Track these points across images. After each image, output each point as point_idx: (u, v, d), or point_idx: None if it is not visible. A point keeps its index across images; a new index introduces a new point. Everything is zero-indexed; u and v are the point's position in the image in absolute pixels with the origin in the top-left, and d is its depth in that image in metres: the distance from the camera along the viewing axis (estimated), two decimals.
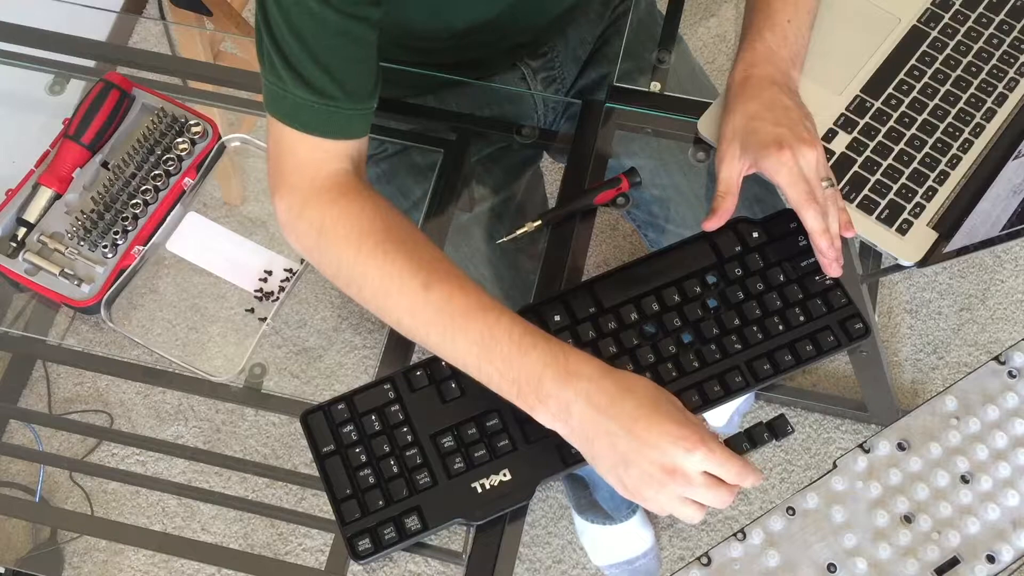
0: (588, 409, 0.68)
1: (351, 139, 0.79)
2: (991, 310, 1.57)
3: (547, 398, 0.69)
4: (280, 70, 0.74)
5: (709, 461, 0.67)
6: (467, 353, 0.72)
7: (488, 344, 0.71)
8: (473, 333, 0.71)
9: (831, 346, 0.79)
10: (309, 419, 0.79)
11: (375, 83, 0.79)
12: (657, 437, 0.67)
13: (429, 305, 0.73)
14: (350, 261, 0.76)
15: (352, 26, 0.74)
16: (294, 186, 0.78)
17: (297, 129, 0.76)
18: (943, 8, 0.95)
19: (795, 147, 0.78)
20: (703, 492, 0.68)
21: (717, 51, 1.80)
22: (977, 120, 0.90)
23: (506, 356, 0.70)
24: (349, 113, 0.77)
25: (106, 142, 0.95)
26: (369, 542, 0.74)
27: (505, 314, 0.72)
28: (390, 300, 0.75)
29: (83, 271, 0.91)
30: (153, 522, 1.50)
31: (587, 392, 0.68)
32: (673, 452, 0.66)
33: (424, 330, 0.74)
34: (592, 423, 0.68)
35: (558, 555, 1.48)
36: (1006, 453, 0.77)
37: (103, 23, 1.69)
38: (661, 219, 1.00)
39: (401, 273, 0.74)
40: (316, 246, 0.78)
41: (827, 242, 0.78)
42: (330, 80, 0.75)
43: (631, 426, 0.67)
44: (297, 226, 0.79)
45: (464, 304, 0.72)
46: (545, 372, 0.69)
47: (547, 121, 1.11)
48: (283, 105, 0.76)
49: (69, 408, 1.53)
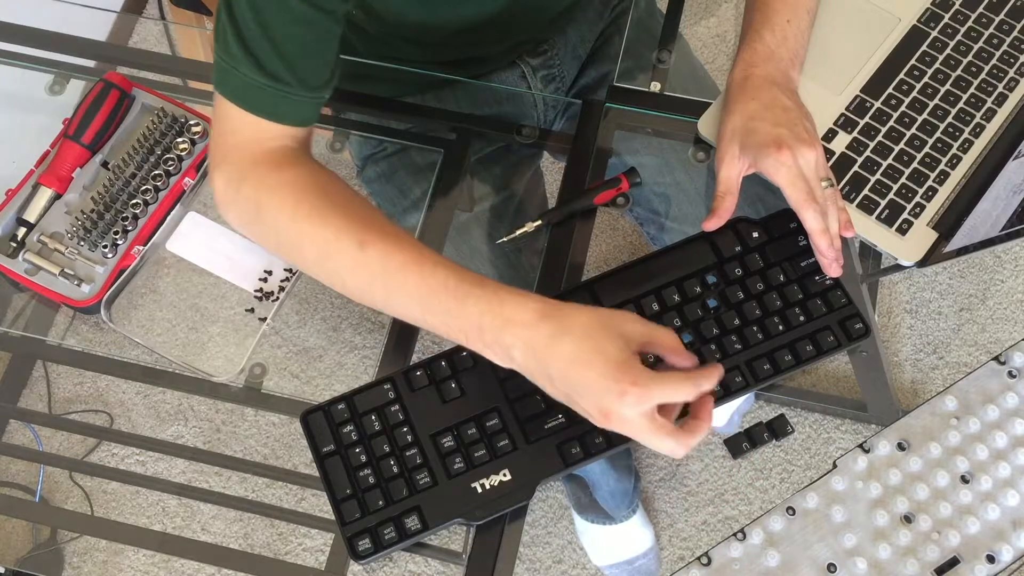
0: (527, 353, 0.68)
1: (298, 126, 0.79)
2: (991, 310, 1.57)
3: (491, 344, 0.70)
4: (233, 48, 0.74)
5: (645, 402, 0.66)
6: (409, 307, 0.73)
7: (427, 298, 0.71)
8: (411, 287, 0.72)
9: (831, 346, 0.79)
10: (309, 419, 0.79)
11: (331, 75, 0.79)
12: (589, 383, 0.66)
13: (367, 263, 0.73)
14: (288, 228, 0.76)
15: (315, 16, 0.74)
16: (233, 163, 0.78)
17: (244, 108, 0.76)
18: (943, 8, 0.95)
19: (794, 147, 0.78)
20: (648, 437, 0.67)
21: (717, 51, 1.80)
22: (977, 120, 0.90)
23: (446, 308, 0.71)
24: (299, 99, 0.77)
25: (106, 142, 0.95)
26: (369, 542, 0.74)
27: (440, 265, 0.72)
28: (330, 262, 0.75)
29: (83, 271, 0.91)
30: (153, 522, 1.51)
31: (524, 338, 0.68)
32: (606, 398, 0.66)
33: (367, 288, 0.74)
34: (534, 365, 0.69)
35: (558, 555, 1.48)
36: (1006, 453, 0.77)
37: (103, 23, 1.69)
38: (664, 216, 1.00)
39: (337, 234, 0.74)
40: (255, 219, 0.78)
41: (827, 242, 0.78)
42: (284, 66, 0.75)
43: (567, 369, 0.67)
44: (236, 201, 0.78)
45: (401, 259, 0.72)
46: (483, 320, 0.69)
47: (547, 120, 1.11)
48: (232, 84, 0.76)
49: (69, 408, 1.54)
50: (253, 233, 0.81)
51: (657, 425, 0.67)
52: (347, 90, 1.05)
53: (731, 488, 1.48)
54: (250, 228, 0.80)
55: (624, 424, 0.67)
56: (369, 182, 1.08)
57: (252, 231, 0.81)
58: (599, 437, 0.76)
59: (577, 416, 0.76)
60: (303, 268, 0.79)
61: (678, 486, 1.48)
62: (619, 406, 0.66)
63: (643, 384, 0.65)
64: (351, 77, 1.06)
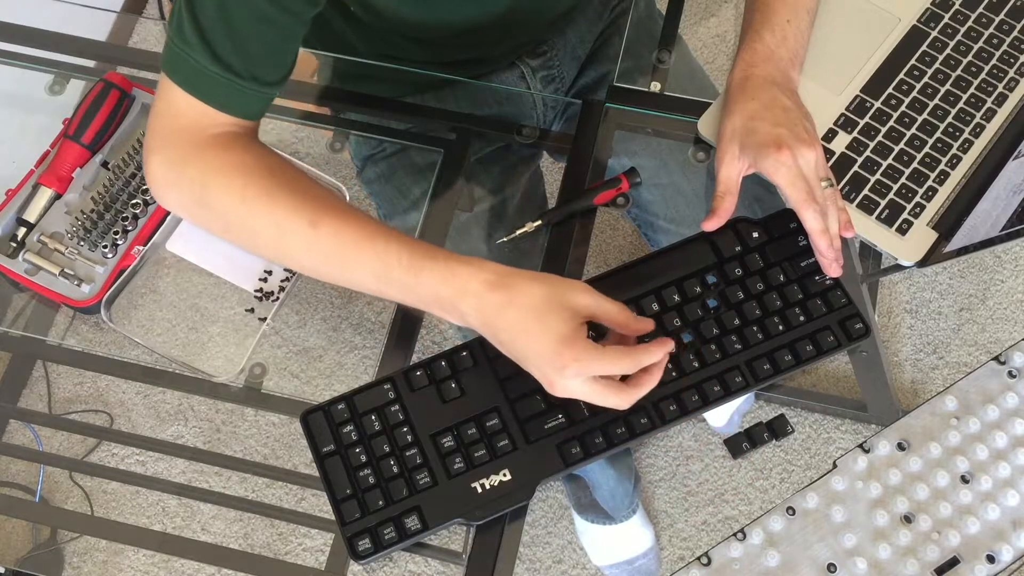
0: (480, 319, 0.72)
1: (247, 119, 0.79)
2: (991, 310, 1.57)
3: (448, 311, 0.73)
4: (188, 35, 0.73)
5: (583, 374, 0.69)
6: (366, 282, 0.74)
7: (382, 273, 0.73)
8: (366, 263, 0.73)
9: (831, 346, 0.79)
10: (309, 419, 0.79)
11: (285, 74, 0.79)
12: (534, 354, 0.70)
13: (321, 242, 0.74)
14: (237, 212, 0.76)
15: (280, 17, 0.74)
16: (175, 145, 0.77)
17: (194, 96, 0.75)
18: (943, 8, 0.95)
19: (794, 147, 0.78)
20: (592, 398, 0.71)
21: (717, 51, 1.80)
22: (977, 120, 0.90)
23: (401, 283, 0.73)
24: (250, 93, 0.77)
25: (106, 142, 0.95)
26: (369, 542, 0.74)
27: (392, 239, 0.74)
28: (284, 243, 0.75)
29: (83, 271, 0.91)
30: (153, 522, 1.51)
31: (476, 306, 0.71)
32: (547, 370, 0.70)
33: (324, 267, 0.75)
34: (488, 331, 0.72)
35: (558, 555, 1.48)
36: (1006, 453, 0.77)
37: (103, 23, 1.69)
38: (662, 218, 1.00)
39: (288, 214, 0.74)
40: (200, 202, 0.77)
41: (827, 242, 0.78)
42: (240, 59, 0.74)
43: (515, 339, 0.71)
44: (178, 184, 0.78)
45: (353, 236, 0.74)
46: (439, 291, 0.72)
47: (546, 121, 1.11)
48: (183, 69, 0.75)
49: (69, 408, 1.54)
50: (196, 216, 0.79)
51: (600, 387, 0.70)
52: (347, 90, 1.05)
53: (731, 488, 1.48)
54: (193, 211, 0.79)
55: (567, 392, 0.70)
56: (369, 182, 1.08)
57: (195, 214, 0.79)
58: (599, 437, 0.76)
59: (578, 416, 0.77)
60: (255, 250, 0.79)
61: (678, 486, 1.48)
62: (560, 378, 0.69)
63: (583, 360, 0.69)
64: (351, 77, 1.06)
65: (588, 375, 0.69)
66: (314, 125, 1.06)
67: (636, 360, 0.71)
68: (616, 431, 0.76)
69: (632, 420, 0.77)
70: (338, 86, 1.06)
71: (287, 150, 0.89)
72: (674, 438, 1.50)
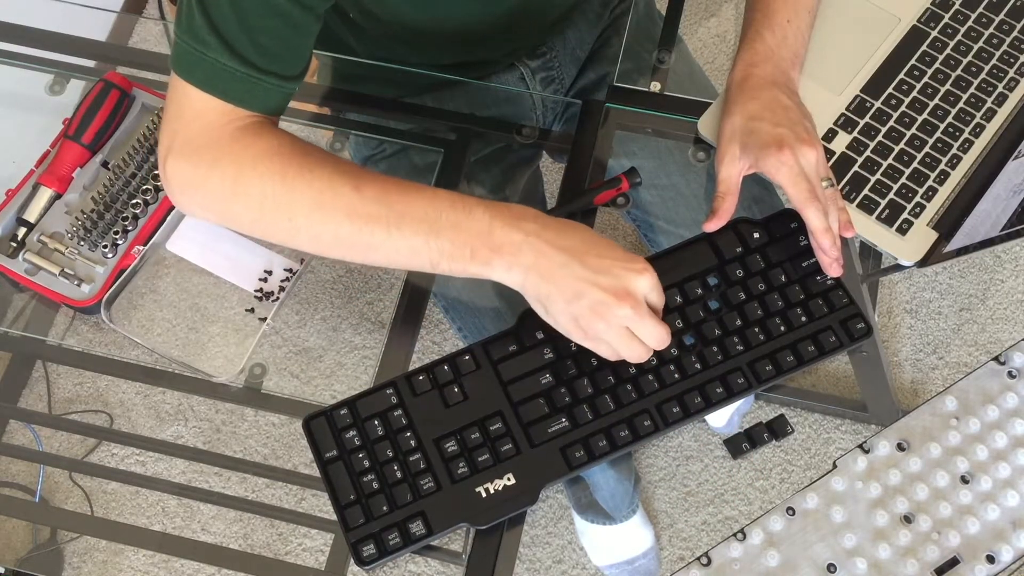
0: (539, 245, 0.71)
1: (268, 113, 0.78)
2: (991, 310, 1.57)
3: (500, 247, 0.72)
4: (202, 33, 0.72)
5: (656, 285, 0.73)
6: (414, 234, 0.73)
7: (434, 218, 0.72)
8: (417, 211, 0.73)
9: (833, 346, 0.79)
10: (312, 424, 0.78)
11: (303, 68, 0.79)
12: (609, 264, 0.71)
13: (366, 202, 0.73)
14: (278, 191, 0.74)
15: (295, 10, 0.73)
16: (201, 146, 0.76)
17: (214, 96, 0.74)
18: (943, 8, 0.95)
19: (795, 147, 0.78)
20: (649, 323, 0.72)
21: (717, 51, 1.80)
22: (977, 120, 0.90)
23: (454, 223, 0.72)
24: (270, 88, 0.76)
25: (106, 142, 0.95)
26: (374, 548, 0.74)
27: (439, 189, 0.74)
28: (325, 212, 0.74)
29: (83, 271, 0.91)
30: (153, 522, 1.51)
31: (536, 231, 0.72)
32: (624, 275, 0.71)
33: (366, 230, 0.74)
34: (545, 259, 0.71)
35: (558, 555, 1.48)
36: (1006, 453, 0.77)
37: (103, 23, 1.69)
38: (661, 220, 1.00)
39: (331, 183, 0.74)
40: (234, 193, 0.76)
41: (829, 240, 0.78)
42: (257, 53, 0.74)
43: (582, 257, 0.71)
44: (205, 185, 0.76)
45: (399, 191, 0.74)
46: (494, 223, 0.72)
47: (546, 121, 1.11)
48: (199, 70, 0.74)
49: (69, 408, 1.53)
50: (225, 213, 0.78)
51: (651, 313, 0.72)
52: (347, 90, 1.05)
53: (731, 488, 1.48)
54: (223, 205, 0.77)
55: (637, 304, 0.71)
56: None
57: (225, 208, 0.78)
58: (603, 440, 0.76)
59: (580, 419, 0.77)
60: (284, 233, 0.77)
61: (678, 486, 1.48)
62: (635, 282, 0.71)
63: (653, 270, 0.73)
64: (351, 78, 1.06)
65: (658, 286, 0.72)
66: (314, 125, 1.06)
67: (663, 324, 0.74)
68: (619, 433, 0.76)
69: (635, 422, 0.77)
70: (338, 86, 1.06)
71: None
72: (674, 438, 1.50)
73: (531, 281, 0.72)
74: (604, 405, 0.77)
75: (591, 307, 0.71)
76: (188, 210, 0.80)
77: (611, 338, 0.72)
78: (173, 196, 0.79)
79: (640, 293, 0.72)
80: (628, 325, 0.72)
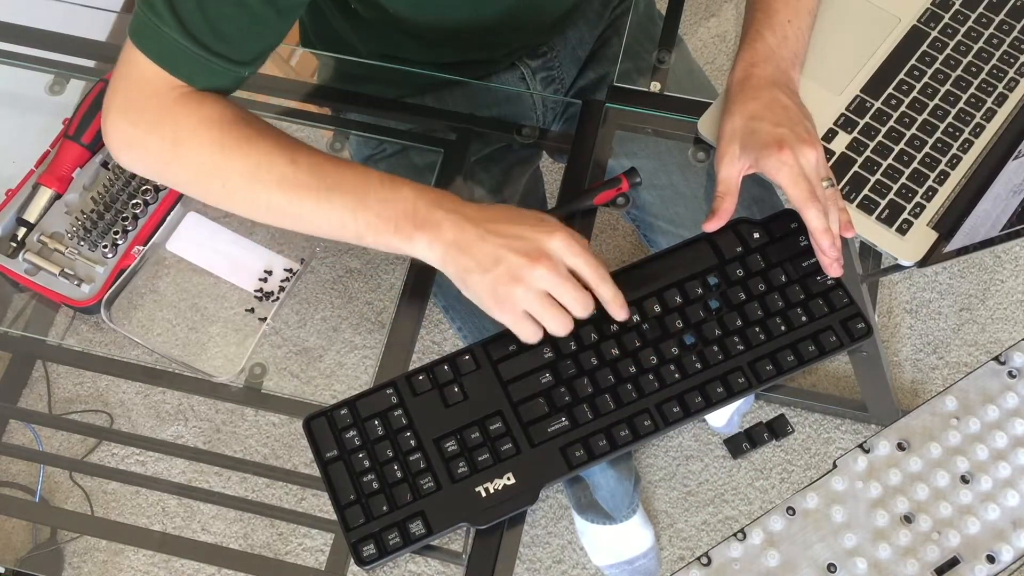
0: (459, 221, 0.74)
1: (216, 91, 0.79)
2: (991, 310, 1.57)
3: (423, 223, 0.74)
4: (160, 7, 0.74)
5: (570, 243, 0.73)
6: (343, 208, 0.75)
7: (363, 192, 0.75)
8: (347, 186, 0.76)
9: (833, 346, 0.79)
10: (312, 424, 0.78)
11: (259, 56, 0.80)
12: (522, 229, 0.73)
13: (299, 173, 0.76)
14: (215, 159, 0.77)
15: (255, 4, 0.74)
16: (143, 108, 0.77)
17: (162, 67, 0.76)
18: (943, 8, 0.95)
19: (796, 147, 0.78)
20: (567, 286, 0.73)
21: (717, 51, 1.80)
22: (977, 120, 0.90)
23: (382, 198, 0.75)
24: (220, 70, 0.77)
25: None
26: (374, 547, 0.74)
27: (372, 169, 0.77)
28: (259, 182, 0.76)
29: (83, 271, 0.90)
30: (153, 522, 1.51)
31: (456, 208, 0.75)
32: (536, 237, 0.73)
33: (297, 199, 0.76)
34: (464, 233, 0.74)
35: (558, 555, 1.48)
36: (1006, 453, 0.77)
37: (103, 23, 1.68)
38: (662, 220, 1.00)
39: (268, 153, 0.76)
40: (173, 157, 0.78)
41: (829, 241, 0.78)
42: (211, 36, 0.75)
43: (497, 227, 0.74)
44: (146, 142, 0.78)
45: (332, 166, 0.77)
46: (418, 202, 0.75)
47: (546, 121, 1.11)
48: (154, 42, 0.75)
49: (69, 408, 1.53)
50: (162, 173, 0.81)
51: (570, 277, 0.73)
52: (347, 90, 1.05)
53: (731, 488, 1.48)
54: (163, 167, 0.80)
55: (554, 266, 0.72)
56: None
57: (165, 170, 0.80)
58: (603, 440, 0.76)
59: (580, 419, 0.77)
60: (218, 197, 0.79)
61: (678, 486, 1.48)
62: (549, 242, 0.73)
63: (568, 230, 0.74)
64: (351, 77, 1.06)
65: (572, 249, 0.73)
66: (314, 125, 1.06)
67: (606, 278, 0.75)
68: (619, 433, 0.76)
69: (635, 422, 0.77)
70: (338, 86, 1.06)
71: None
72: (674, 438, 1.50)
73: (451, 256, 0.74)
74: (604, 404, 0.77)
75: (508, 272, 0.72)
76: (127, 166, 0.82)
77: (531, 305, 0.73)
78: (113, 152, 0.81)
79: (555, 252, 0.73)
80: (546, 288, 0.73)
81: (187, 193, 0.82)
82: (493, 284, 0.73)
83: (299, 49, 1.10)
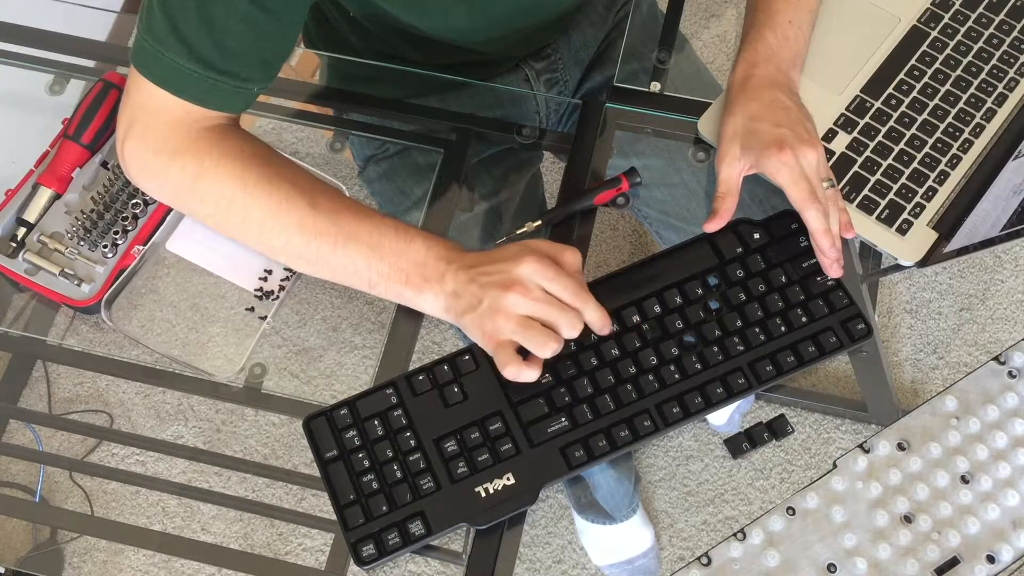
0: (457, 272, 0.76)
1: (228, 112, 0.80)
2: (991, 310, 1.57)
3: (430, 277, 0.77)
4: (160, 31, 0.74)
5: (538, 269, 0.73)
6: (358, 255, 0.77)
7: (378, 242, 0.77)
8: (363, 235, 0.77)
9: (833, 347, 0.79)
10: (312, 424, 0.78)
11: (269, 73, 0.80)
12: (498, 263, 0.75)
13: (318, 219, 0.77)
14: (236, 196, 0.78)
15: (262, 17, 0.74)
16: (165, 137, 0.78)
17: (170, 93, 0.76)
18: (943, 8, 0.95)
19: (796, 147, 0.78)
20: (543, 307, 0.73)
21: (718, 51, 1.80)
22: (977, 120, 0.90)
23: (396, 249, 0.77)
24: (229, 89, 0.77)
25: (106, 142, 0.95)
26: (373, 548, 0.74)
27: (387, 217, 0.79)
28: (278, 221, 0.78)
29: (83, 271, 0.90)
30: (153, 522, 1.51)
31: (456, 259, 0.77)
32: (507, 267, 0.74)
33: (314, 243, 0.78)
34: (458, 282, 0.76)
35: (558, 555, 1.48)
36: (1006, 453, 0.77)
37: (103, 23, 1.68)
38: (674, 217, 1.00)
39: (288, 196, 0.77)
40: (192, 189, 0.79)
41: (829, 241, 0.78)
42: (218, 54, 0.75)
43: (482, 268, 0.75)
44: (168, 172, 0.79)
45: (350, 214, 0.78)
46: (428, 254, 0.77)
47: (549, 123, 1.11)
48: (157, 67, 0.75)
49: (69, 408, 1.54)
50: (183, 202, 0.81)
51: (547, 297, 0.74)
52: (349, 91, 1.05)
53: (731, 488, 1.48)
54: (182, 197, 0.81)
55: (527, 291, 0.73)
56: (370, 182, 1.08)
57: (183, 200, 0.81)
58: (602, 440, 0.76)
59: (580, 419, 0.77)
60: (235, 232, 0.80)
61: (678, 486, 1.48)
62: (518, 270, 0.74)
63: (547, 257, 0.75)
64: (352, 78, 1.06)
65: (543, 273, 0.73)
66: (314, 125, 1.06)
67: (585, 298, 0.74)
68: (619, 433, 0.76)
69: (635, 422, 0.77)
70: (340, 87, 1.06)
71: (287, 150, 0.89)
72: (674, 438, 1.51)
73: (450, 304, 0.76)
74: (604, 405, 0.77)
75: (489, 306, 0.74)
76: (145, 190, 0.84)
77: (513, 332, 0.73)
78: (131, 178, 0.82)
79: (526, 278, 0.73)
80: (525, 312, 0.73)
81: (204, 224, 0.82)
82: (480, 320, 0.74)
83: (300, 49, 1.10)
